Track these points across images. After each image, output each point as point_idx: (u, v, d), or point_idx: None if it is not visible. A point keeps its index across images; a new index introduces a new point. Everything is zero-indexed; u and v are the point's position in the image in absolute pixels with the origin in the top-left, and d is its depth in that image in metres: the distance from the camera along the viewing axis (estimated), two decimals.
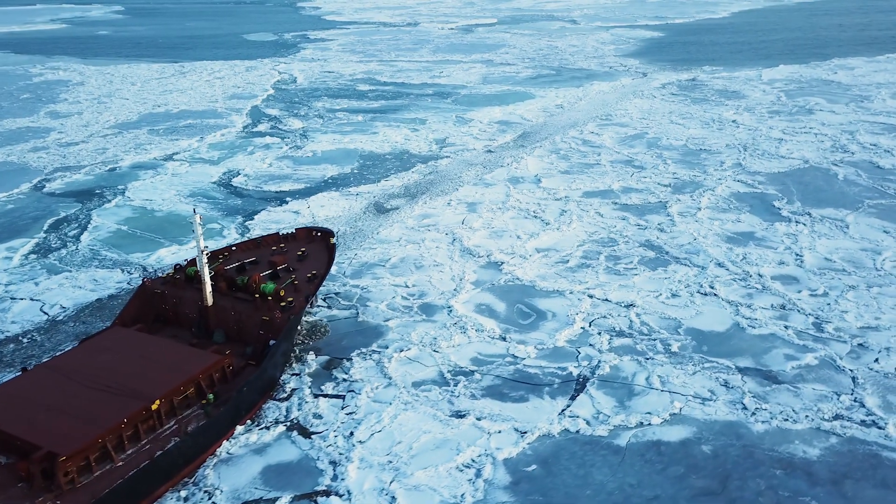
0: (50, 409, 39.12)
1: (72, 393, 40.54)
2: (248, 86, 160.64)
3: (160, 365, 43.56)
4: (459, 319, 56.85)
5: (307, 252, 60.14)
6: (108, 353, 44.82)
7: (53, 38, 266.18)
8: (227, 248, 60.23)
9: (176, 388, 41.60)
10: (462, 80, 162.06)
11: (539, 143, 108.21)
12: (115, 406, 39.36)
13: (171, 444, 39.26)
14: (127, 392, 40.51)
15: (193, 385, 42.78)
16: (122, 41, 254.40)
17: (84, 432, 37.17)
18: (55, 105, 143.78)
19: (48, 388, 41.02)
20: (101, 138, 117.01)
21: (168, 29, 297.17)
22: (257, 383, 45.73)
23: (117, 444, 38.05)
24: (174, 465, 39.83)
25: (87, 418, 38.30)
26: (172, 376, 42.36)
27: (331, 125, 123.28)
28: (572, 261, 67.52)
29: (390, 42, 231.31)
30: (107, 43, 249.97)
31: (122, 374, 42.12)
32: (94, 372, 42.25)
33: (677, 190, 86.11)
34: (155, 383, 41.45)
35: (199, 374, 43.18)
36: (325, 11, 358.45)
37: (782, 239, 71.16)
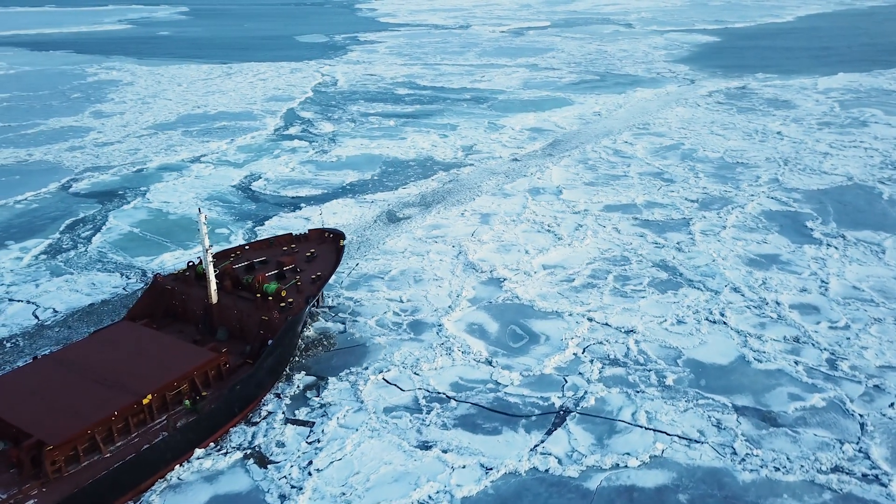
0: (47, 398, 40.46)
1: (70, 384, 41.85)
2: (288, 88, 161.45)
3: (157, 360, 44.44)
4: (447, 340, 54.46)
5: (316, 253, 60.02)
6: (112, 346, 46.23)
7: (116, 39, 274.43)
8: (239, 247, 61.13)
9: (169, 383, 42.30)
10: (502, 85, 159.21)
11: (568, 153, 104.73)
12: (108, 399, 40.37)
13: (159, 439, 39.90)
14: (121, 386, 41.55)
15: (187, 382, 43.37)
16: (179, 42, 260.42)
17: (73, 423, 38.19)
18: (101, 105, 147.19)
19: (50, 378, 42.46)
20: (136, 139, 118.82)
21: (225, 30, 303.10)
22: (250, 383, 45.96)
23: (106, 436, 38.99)
24: (161, 459, 40.48)
25: (78, 410, 39.40)
26: (167, 372, 43.08)
27: (361, 129, 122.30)
28: (578, 280, 64.30)
29: (438, 45, 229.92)
30: (165, 44, 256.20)
31: (121, 368, 43.26)
32: (95, 364, 43.63)
33: (704, 206, 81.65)
34: (149, 378, 42.35)
35: (193, 371, 43.66)
36: (381, 13, 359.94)
37: (809, 263, 66.31)
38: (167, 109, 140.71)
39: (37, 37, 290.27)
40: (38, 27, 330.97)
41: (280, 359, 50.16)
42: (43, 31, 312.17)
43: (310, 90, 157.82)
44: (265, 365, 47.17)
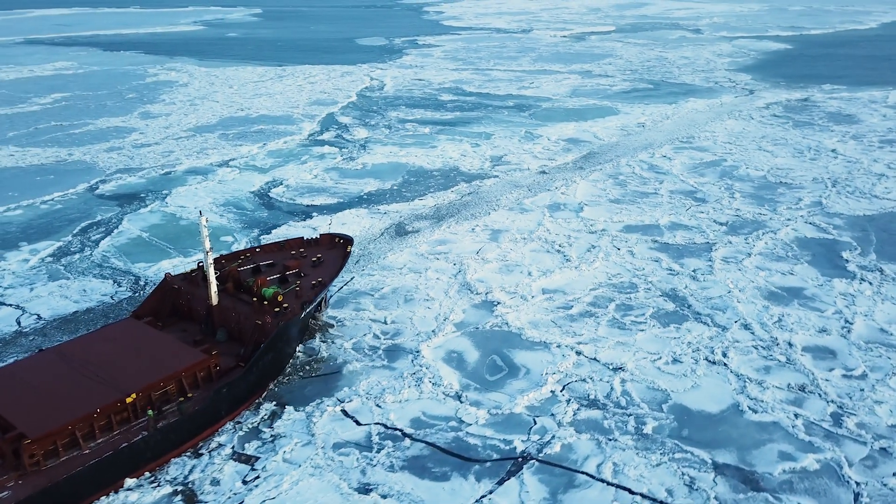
0: (38, 391, 41.30)
1: (63, 378, 42.65)
2: (335, 92, 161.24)
3: (149, 359, 44.81)
4: (420, 369, 51.48)
5: (323, 259, 59.55)
6: (111, 342, 47.00)
7: (185, 40, 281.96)
8: (250, 250, 61.29)
9: (156, 383, 42.63)
10: (549, 93, 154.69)
11: (600, 166, 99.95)
12: (93, 395, 40.87)
13: (138, 438, 40.13)
14: (109, 382, 41.99)
15: (174, 382, 43.57)
16: (244, 43, 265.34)
17: (55, 418, 38.81)
18: (151, 106, 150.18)
19: (47, 371, 43.45)
20: (174, 141, 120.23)
21: (291, 32, 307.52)
22: (238, 387, 45.83)
23: (88, 432, 39.56)
24: (139, 458, 40.79)
25: (63, 404, 40.05)
26: (156, 371, 43.36)
27: (394, 137, 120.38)
28: (576, 307, 60.23)
29: (495, 49, 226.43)
30: (230, 45, 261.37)
31: (113, 365, 43.92)
32: (91, 360, 44.49)
33: (733, 230, 75.91)
34: (137, 377, 42.73)
35: (182, 371, 43.99)
36: (446, 17, 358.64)
37: (835, 300, 60.26)
38: (211, 112, 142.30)
39: (114, 37, 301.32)
40: (118, 28, 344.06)
41: (273, 364, 49.81)
42: (121, 32, 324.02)
43: (355, 95, 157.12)
44: (255, 369, 46.98)
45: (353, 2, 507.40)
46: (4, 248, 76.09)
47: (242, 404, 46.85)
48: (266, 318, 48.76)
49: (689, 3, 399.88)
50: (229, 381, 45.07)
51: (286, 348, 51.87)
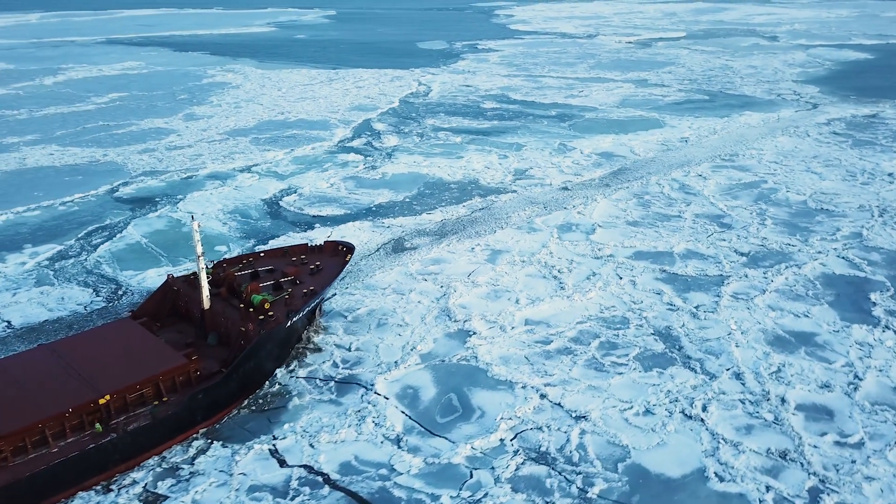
0: (20, 387, 41.73)
1: (47, 375, 42.99)
2: (379, 97, 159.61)
3: (130, 361, 44.65)
4: (367, 406, 48.12)
5: (322, 266, 58.72)
6: (103, 342, 47.42)
7: (253, 42, 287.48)
8: (254, 254, 61.11)
9: (132, 385, 42.45)
10: (597, 102, 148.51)
11: (627, 184, 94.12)
12: (69, 394, 40.97)
13: (107, 440, 40.01)
14: (87, 382, 42.04)
15: (151, 385, 43.27)
16: (307, 46, 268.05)
17: (26, 415, 38.97)
18: (197, 107, 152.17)
19: (35, 366, 44.07)
20: (206, 144, 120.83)
21: (357, 34, 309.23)
22: (215, 393, 45.42)
23: (58, 431, 39.57)
24: (107, 460, 40.90)
25: (38, 402, 40.28)
26: (134, 374, 43.15)
27: (423, 145, 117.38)
28: (556, 342, 55.64)
29: (553, 55, 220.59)
30: (294, 47, 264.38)
31: (97, 365, 44.18)
32: (79, 358, 44.91)
33: (753, 262, 69.35)
34: (114, 378, 42.61)
35: (160, 375, 43.72)
36: (515, 20, 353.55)
37: (849, 349, 53.56)
38: (252, 115, 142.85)
39: (188, 38, 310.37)
40: (194, 29, 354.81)
41: (255, 372, 49.18)
42: (196, 33, 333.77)
43: (398, 100, 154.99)
44: (234, 377, 46.54)
45: (427, 4, 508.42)
46: (9, 249, 76.97)
47: (220, 411, 46.62)
48: (249, 326, 48.37)
49: (773, 9, 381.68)
50: (203, 387, 44.82)
51: (269, 357, 50.92)
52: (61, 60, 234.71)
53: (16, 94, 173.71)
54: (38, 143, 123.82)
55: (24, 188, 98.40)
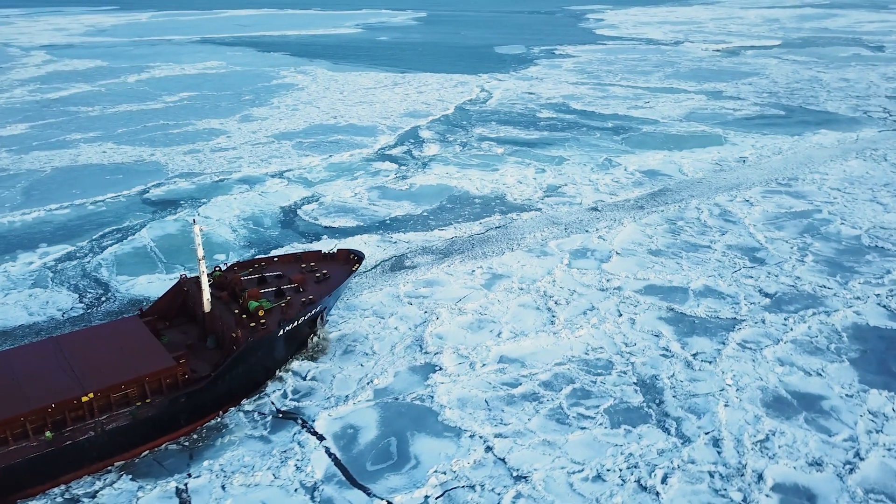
0: (16, 378, 42.72)
1: (43, 368, 44.01)
2: (436, 103, 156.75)
3: (121, 360, 45.10)
4: (296, 446, 45.03)
5: (328, 275, 57.90)
6: (104, 339, 48.21)
7: (336, 43, 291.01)
8: (268, 259, 60.80)
9: (116, 385, 42.82)
10: (660, 114, 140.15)
11: (662, 207, 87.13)
12: (55, 390, 41.60)
13: (84, 437, 40.61)
14: (76, 379, 42.71)
15: (136, 385, 43.53)
16: (387, 48, 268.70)
17: (10, 408, 39.85)
18: (257, 109, 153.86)
19: (36, 359, 45.30)
20: (250, 146, 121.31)
21: (439, 37, 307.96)
22: (199, 398, 45.44)
23: (39, 425, 40.22)
24: (83, 457, 41.35)
25: (25, 395, 41.13)
26: (121, 373, 43.59)
27: (462, 156, 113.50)
28: (524, 386, 50.83)
29: (631, 62, 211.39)
30: (373, 49, 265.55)
31: (91, 361, 44.75)
32: (77, 354, 45.66)
33: (776, 305, 61.82)
34: (102, 376, 43.11)
35: (146, 376, 43.97)
36: (604, 25, 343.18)
37: (858, 419, 46.18)
38: (305, 118, 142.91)
39: (276, 38, 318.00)
40: (286, 29, 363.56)
41: (243, 379, 48.97)
42: (285, 34, 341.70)
43: (453, 107, 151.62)
44: (220, 382, 46.48)
45: (520, 7, 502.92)
46: (25, 247, 78.62)
47: (204, 416, 46.58)
48: (238, 332, 48.02)
49: (888, 15, 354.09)
50: (186, 391, 44.65)
51: (259, 365, 50.30)
52: (151, 59, 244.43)
53: (97, 91, 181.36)
54: (96, 140, 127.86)
55: (65, 185, 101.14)
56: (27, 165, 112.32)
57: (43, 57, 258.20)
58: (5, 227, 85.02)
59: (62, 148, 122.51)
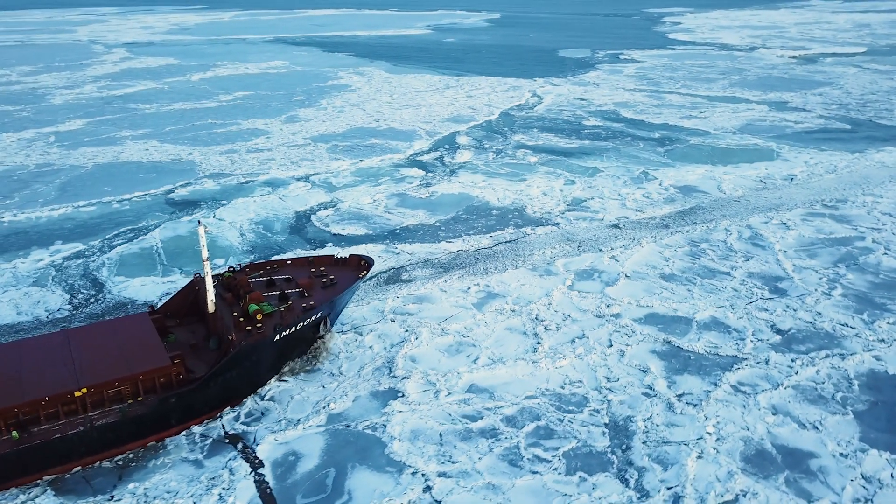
0: (19, 369, 43.96)
1: (48, 360, 45.10)
2: (483, 107, 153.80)
3: (119, 356, 45.61)
4: (227, 473, 43.15)
5: (335, 280, 57.41)
6: (110, 334, 48.98)
7: (402, 44, 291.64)
8: (280, 261, 60.87)
9: (110, 381, 43.40)
10: (713, 125, 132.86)
11: (689, 227, 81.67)
12: (52, 383, 42.49)
13: (73, 432, 41.40)
14: (75, 373, 43.61)
15: (130, 383, 43.93)
16: (450, 50, 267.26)
17: (8, 398, 40.96)
18: (304, 110, 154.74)
19: (44, 351, 46.40)
20: (286, 148, 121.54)
21: (506, 39, 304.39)
22: (190, 399, 45.47)
23: (32, 417, 41.09)
24: (72, 452, 41.93)
25: (23, 387, 42.14)
26: (116, 370, 44.16)
27: (493, 164, 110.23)
28: (486, 420, 47.58)
29: (696, 69, 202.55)
30: (436, 51, 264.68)
31: (92, 357, 45.51)
32: (84, 347, 46.35)
33: (786, 343, 56.21)
34: (98, 372, 43.82)
35: (139, 375, 44.22)
36: (679, 29, 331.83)
37: (846, 485, 40.83)
38: (349, 121, 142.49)
39: (346, 38, 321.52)
40: (358, 29, 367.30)
41: (236, 381, 48.71)
42: (355, 33, 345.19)
43: (499, 112, 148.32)
44: (212, 384, 46.41)
45: (597, 9, 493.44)
46: (40, 244, 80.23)
47: (195, 418, 46.58)
48: (231, 336, 47.79)
49: None
50: (177, 392, 44.76)
51: (253, 369, 49.61)
52: (220, 58, 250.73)
53: (160, 89, 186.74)
54: (142, 137, 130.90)
55: (99, 182, 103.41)
56: (72, 161, 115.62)
57: (122, 54, 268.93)
58: (31, 223, 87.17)
59: (109, 144, 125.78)
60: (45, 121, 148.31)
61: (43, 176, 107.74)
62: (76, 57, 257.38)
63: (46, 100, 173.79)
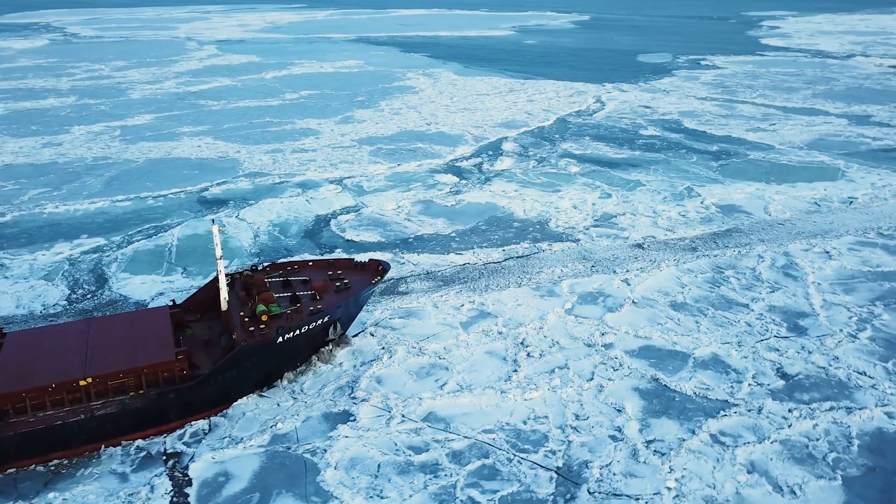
0: (35, 355, 46.04)
1: (64, 348, 47.01)
2: (540, 112, 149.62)
3: (129, 349, 47.05)
4: (146, 490, 42.12)
5: (348, 284, 57.45)
6: (127, 325, 50.65)
7: (479, 45, 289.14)
8: (302, 262, 61.30)
9: (114, 373, 44.85)
10: (780, 140, 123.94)
11: (719, 251, 75.72)
12: (59, 370, 44.33)
13: (73, 420, 42.99)
14: (84, 362, 45.35)
15: (134, 376, 45.25)
16: (527, 52, 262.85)
17: (14, 383, 43.05)
18: (361, 111, 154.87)
19: (64, 338, 48.39)
20: (330, 149, 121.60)
21: (588, 42, 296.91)
22: (188, 395, 46.19)
23: (38, 403, 42.98)
24: (72, 439, 43.36)
25: (33, 372, 44.13)
26: (122, 362, 45.61)
27: (531, 173, 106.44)
28: (431, 453, 44.82)
29: (781, 77, 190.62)
30: (513, 53, 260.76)
31: (105, 347, 47.10)
32: (100, 337, 47.86)
33: (788, 391, 50.52)
34: (105, 363, 45.40)
35: (143, 368, 45.33)
36: (776, 34, 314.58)
37: None
38: (402, 123, 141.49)
39: (427, 38, 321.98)
40: (442, 29, 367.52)
41: (236, 382, 49.17)
42: (438, 34, 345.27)
43: (554, 118, 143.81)
44: (212, 382, 46.96)
45: (695, 11, 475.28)
46: (66, 237, 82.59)
47: (194, 414, 47.20)
48: (234, 336, 48.30)
49: None
50: (176, 387, 45.50)
51: (254, 369, 49.68)
52: (299, 56, 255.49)
53: (232, 87, 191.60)
54: (198, 134, 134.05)
55: (144, 178, 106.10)
56: (127, 155, 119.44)
57: (211, 51, 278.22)
58: (67, 215, 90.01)
59: (166, 140, 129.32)
60: (117, 115, 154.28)
61: (95, 169, 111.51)
62: (168, 53, 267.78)
63: (126, 94, 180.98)
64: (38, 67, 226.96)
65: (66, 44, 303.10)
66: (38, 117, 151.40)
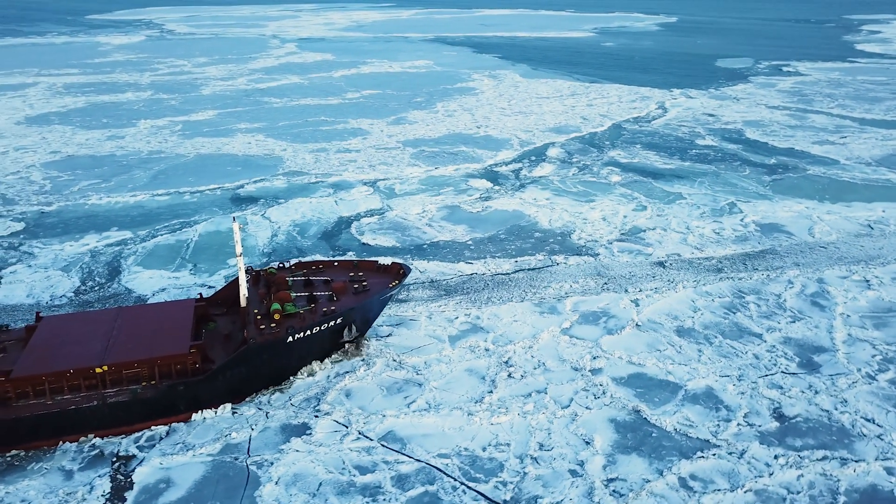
0: (62, 341, 48.60)
1: (92, 334, 49.42)
2: (596, 117, 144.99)
3: (149, 339, 48.97)
4: (84, 490, 42.13)
5: (367, 286, 57.77)
6: (153, 316, 52.72)
7: (554, 47, 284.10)
8: (327, 261, 62.22)
9: (129, 362, 46.84)
10: (847, 154, 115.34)
11: (743, 275, 70.61)
12: (80, 356, 46.65)
13: (86, 406, 45.06)
14: (106, 349, 47.54)
15: (147, 366, 46.99)
16: (600, 55, 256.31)
17: (39, 366, 45.68)
18: (416, 112, 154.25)
19: (95, 325, 50.71)
20: (373, 151, 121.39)
21: (669, 46, 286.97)
22: (197, 389, 47.25)
23: (56, 387, 45.27)
24: (83, 424, 45.10)
25: (57, 356, 46.62)
26: (139, 351, 47.58)
27: (568, 181, 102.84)
28: (376, 475, 43.30)
29: (868, 86, 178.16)
30: (588, 56, 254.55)
31: (127, 336, 48.70)
32: (124, 326, 49.86)
33: (779, 435, 46.09)
34: (122, 352, 47.50)
35: (157, 359, 46.86)
36: (874, 39, 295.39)
37: None
38: (451, 125, 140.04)
39: (503, 39, 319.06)
40: (521, 30, 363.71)
41: (244, 379, 49.87)
42: (516, 34, 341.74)
43: (609, 124, 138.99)
44: (220, 377, 47.91)
45: (794, 14, 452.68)
46: (98, 229, 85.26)
47: (202, 408, 48.09)
48: (245, 333, 49.17)
49: None
50: (185, 380, 46.58)
51: (263, 367, 50.32)
52: (372, 55, 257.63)
53: (299, 84, 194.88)
54: (252, 131, 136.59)
55: (188, 173, 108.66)
56: (179, 150, 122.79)
57: (290, 49, 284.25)
58: (107, 208, 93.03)
59: (220, 136, 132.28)
60: (184, 110, 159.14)
61: (147, 163, 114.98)
62: (250, 50, 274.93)
63: (199, 90, 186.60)
64: (127, 62, 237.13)
65: (160, 40, 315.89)
66: (113, 110, 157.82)
